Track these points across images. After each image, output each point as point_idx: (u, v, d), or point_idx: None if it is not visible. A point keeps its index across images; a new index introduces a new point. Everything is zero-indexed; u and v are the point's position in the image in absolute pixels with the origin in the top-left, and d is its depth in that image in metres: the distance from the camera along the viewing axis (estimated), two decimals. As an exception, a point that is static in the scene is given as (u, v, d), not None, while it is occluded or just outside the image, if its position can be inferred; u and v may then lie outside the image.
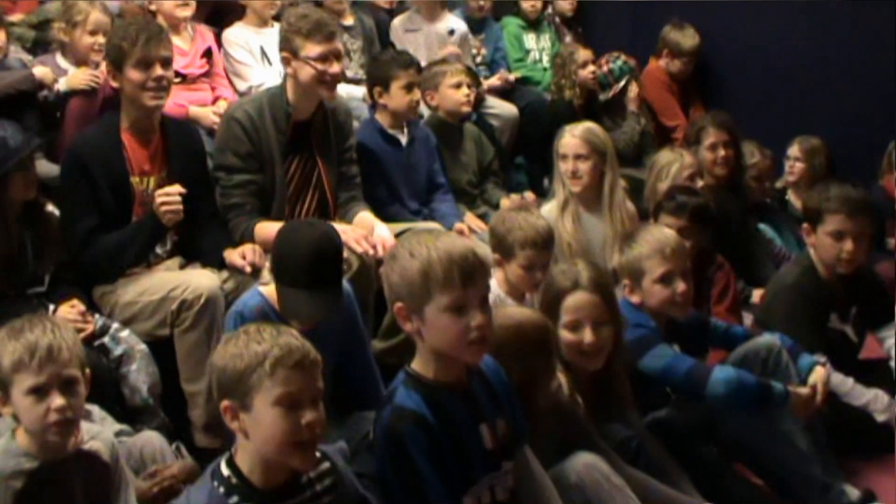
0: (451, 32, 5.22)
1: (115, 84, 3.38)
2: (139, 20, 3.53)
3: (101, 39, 3.85)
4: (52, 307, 3.12)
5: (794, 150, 5.10)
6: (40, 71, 3.81)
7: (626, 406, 2.87)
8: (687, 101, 5.55)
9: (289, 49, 3.55)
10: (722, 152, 4.48)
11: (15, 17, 4.30)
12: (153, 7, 4.25)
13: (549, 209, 3.98)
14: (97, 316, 3.23)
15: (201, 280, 3.21)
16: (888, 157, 4.92)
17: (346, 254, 3.37)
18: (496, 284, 3.34)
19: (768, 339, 3.20)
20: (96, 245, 3.29)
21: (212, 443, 3.15)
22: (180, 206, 3.27)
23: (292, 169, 3.67)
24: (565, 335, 2.76)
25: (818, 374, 3.09)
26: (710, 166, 4.46)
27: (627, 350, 2.99)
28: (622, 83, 5.32)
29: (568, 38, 5.80)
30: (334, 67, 3.58)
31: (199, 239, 3.48)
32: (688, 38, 5.52)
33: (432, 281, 2.13)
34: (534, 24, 5.68)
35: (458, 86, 4.44)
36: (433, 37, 5.17)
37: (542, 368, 2.57)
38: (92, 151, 3.33)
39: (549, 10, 5.88)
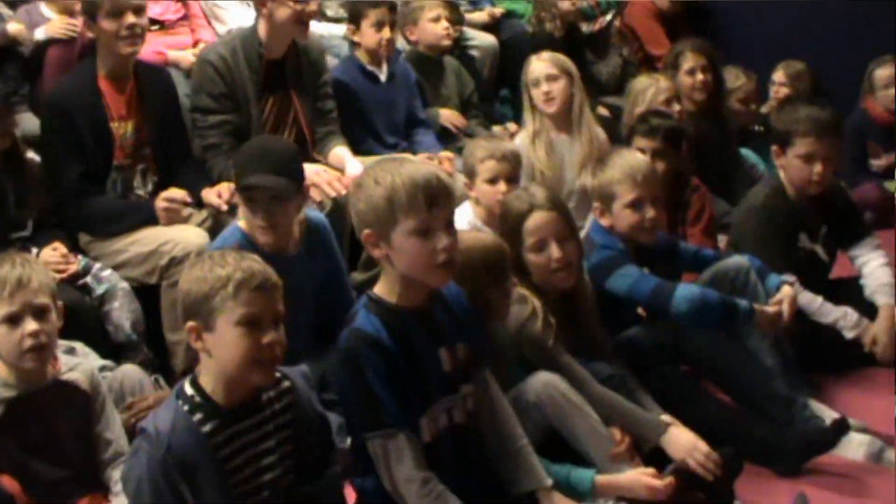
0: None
1: (90, 34, 3.43)
2: None
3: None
4: (35, 251, 3.20)
5: (778, 74, 5.11)
6: (14, 28, 3.84)
7: (602, 341, 2.93)
8: (674, 30, 5.51)
9: None
10: (700, 76, 4.46)
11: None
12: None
13: (521, 140, 4.06)
14: (80, 257, 3.31)
15: (191, 237, 3.29)
16: (868, 79, 4.91)
17: (319, 196, 3.48)
18: (471, 213, 3.45)
19: (737, 259, 3.25)
20: (87, 204, 3.39)
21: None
22: (180, 214, 3.36)
23: (268, 108, 3.73)
24: (532, 258, 2.80)
25: (785, 293, 3.14)
26: (688, 91, 4.46)
27: (594, 271, 3.07)
28: (608, 17, 5.31)
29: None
30: (311, 6, 3.65)
31: (177, 180, 3.54)
32: None
33: (397, 206, 2.16)
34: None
35: (436, 19, 4.48)
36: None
37: (497, 292, 2.61)
38: (71, 99, 3.41)
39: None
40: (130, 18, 3.37)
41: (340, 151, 3.83)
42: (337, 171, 3.70)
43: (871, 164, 4.94)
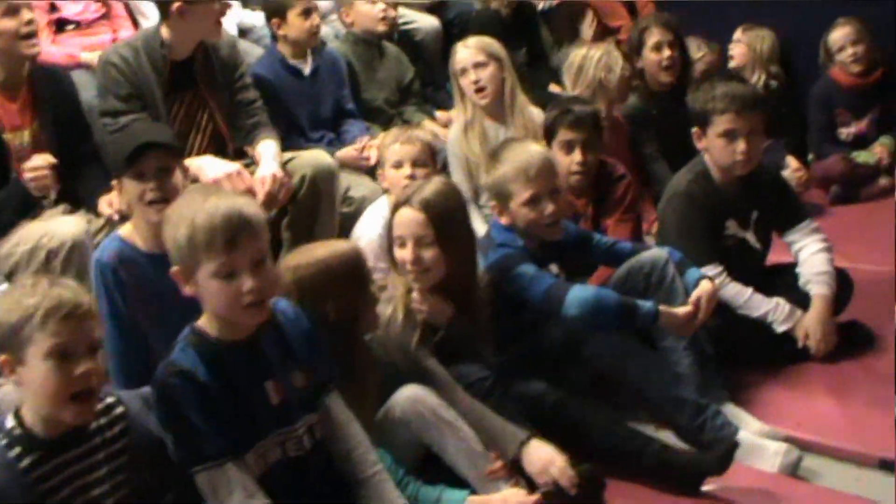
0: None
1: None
2: None
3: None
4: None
5: (737, 33, 4.88)
6: None
7: (481, 341, 2.77)
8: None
9: None
10: (667, 52, 4.19)
11: None
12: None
13: (454, 132, 3.90)
14: None
15: (65, 227, 3.14)
16: (823, 47, 4.65)
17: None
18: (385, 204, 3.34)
19: (654, 253, 3.05)
20: None
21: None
22: (48, 178, 3.23)
23: (175, 108, 3.58)
24: (395, 250, 2.72)
25: (702, 290, 2.91)
26: (654, 69, 4.23)
27: (491, 270, 2.91)
28: None
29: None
30: (223, 5, 3.51)
31: (80, 185, 3.43)
32: None
33: (197, 248, 2.07)
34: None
35: (372, 1, 4.30)
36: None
37: (360, 300, 2.49)
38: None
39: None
40: (27, 14, 3.26)
41: (263, 147, 3.64)
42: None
43: (840, 133, 4.67)
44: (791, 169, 4.38)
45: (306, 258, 2.45)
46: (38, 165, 3.22)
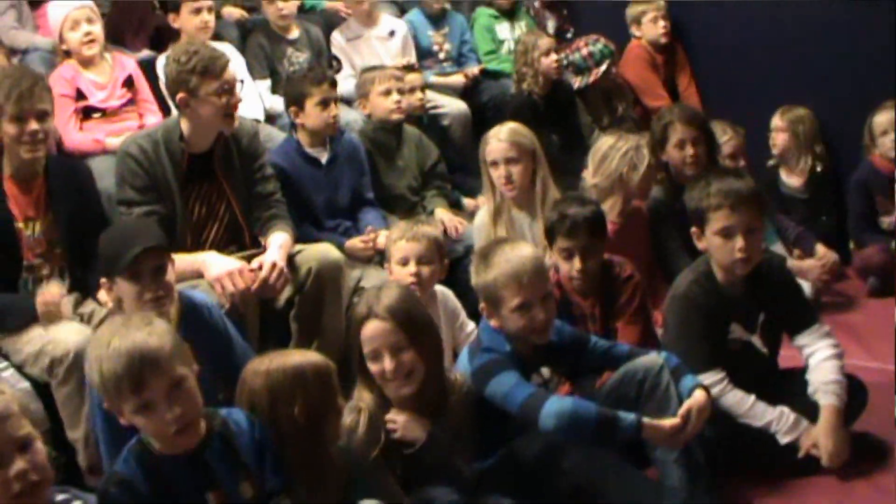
0: (392, 34, 5.09)
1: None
2: (15, 73, 3.56)
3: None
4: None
5: (776, 120, 4.75)
6: None
7: (457, 453, 2.72)
8: (671, 77, 5.22)
9: (185, 89, 3.52)
10: (691, 150, 4.04)
11: None
12: (64, 47, 4.31)
13: (481, 219, 3.88)
14: None
15: (69, 336, 3.22)
16: (868, 129, 4.47)
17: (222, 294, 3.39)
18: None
19: (649, 358, 2.92)
20: None
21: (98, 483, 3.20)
22: (59, 309, 3.30)
23: (192, 199, 3.65)
24: (369, 365, 2.68)
25: (693, 401, 2.78)
26: (679, 164, 4.10)
27: (475, 375, 2.84)
28: (603, 67, 5.04)
29: (550, 24, 5.50)
30: (234, 98, 3.57)
31: (91, 275, 3.49)
32: None
33: (110, 393, 2.17)
34: (508, 13, 5.43)
35: (386, 93, 4.33)
36: (374, 42, 5.06)
37: (328, 409, 2.48)
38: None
39: (528, -6, 5.60)
40: (33, 125, 3.37)
41: (273, 238, 3.67)
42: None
43: (882, 221, 4.48)
44: (818, 257, 4.23)
45: (281, 363, 2.46)
46: (51, 300, 3.28)
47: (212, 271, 3.39)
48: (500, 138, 3.83)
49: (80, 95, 4.24)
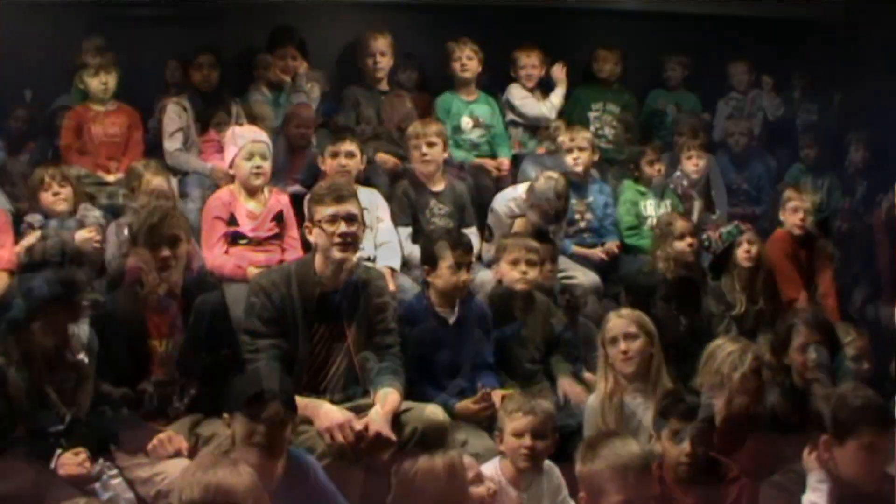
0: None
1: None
2: (156, 201, 3.82)
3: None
4: (58, 451, 3.33)
5: None
6: (81, 236, 4.23)
7: None
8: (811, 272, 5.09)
9: (309, 217, 3.73)
10: (814, 355, 3.98)
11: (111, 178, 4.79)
12: (232, 171, 4.55)
13: (592, 402, 3.87)
14: (101, 461, 3.39)
15: (178, 472, 3.24)
16: None
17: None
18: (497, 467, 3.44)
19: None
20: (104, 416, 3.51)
21: None
22: (168, 452, 3.39)
23: (316, 338, 3.74)
24: None
25: None
26: (800, 369, 4.01)
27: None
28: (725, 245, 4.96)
29: (697, 204, 5.48)
30: (342, 227, 3.66)
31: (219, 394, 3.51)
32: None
33: None
34: (655, 190, 5.45)
35: (514, 262, 4.38)
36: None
37: None
38: (115, 314, 3.65)
39: (678, 172, 5.57)
40: (164, 252, 3.59)
41: (381, 394, 3.67)
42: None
43: None
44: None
45: None
46: (163, 441, 3.38)
47: (323, 421, 3.43)
48: (621, 315, 3.93)
49: (233, 220, 4.47)
